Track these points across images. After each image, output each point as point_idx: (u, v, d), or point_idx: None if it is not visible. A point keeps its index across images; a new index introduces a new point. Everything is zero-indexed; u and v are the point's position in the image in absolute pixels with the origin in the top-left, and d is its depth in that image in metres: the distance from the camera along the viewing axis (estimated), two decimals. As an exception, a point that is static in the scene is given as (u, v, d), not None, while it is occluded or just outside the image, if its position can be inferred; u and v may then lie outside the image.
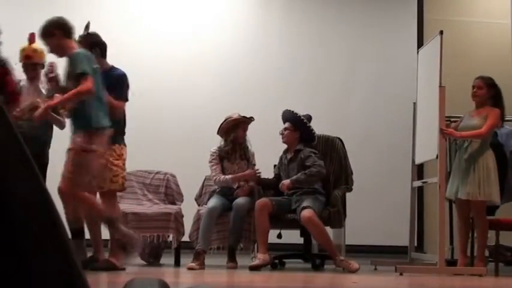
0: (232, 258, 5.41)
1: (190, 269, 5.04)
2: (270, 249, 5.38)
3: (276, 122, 5.82)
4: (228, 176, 5.64)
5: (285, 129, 5.69)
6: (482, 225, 5.40)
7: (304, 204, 5.31)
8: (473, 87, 5.55)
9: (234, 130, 5.71)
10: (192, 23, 7.52)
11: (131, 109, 7.10)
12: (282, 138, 5.70)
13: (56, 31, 4.57)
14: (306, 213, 5.24)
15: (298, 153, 5.64)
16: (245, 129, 5.77)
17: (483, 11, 7.89)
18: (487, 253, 5.61)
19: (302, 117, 5.66)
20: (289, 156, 5.71)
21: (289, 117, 5.69)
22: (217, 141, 5.86)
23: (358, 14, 7.71)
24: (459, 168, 5.44)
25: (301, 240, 5.84)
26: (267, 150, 5.85)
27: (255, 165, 5.82)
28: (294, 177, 5.51)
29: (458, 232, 5.54)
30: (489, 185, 5.29)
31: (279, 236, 5.57)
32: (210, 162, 5.75)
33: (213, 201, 5.55)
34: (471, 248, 5.70)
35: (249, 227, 5.49)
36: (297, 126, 5.67)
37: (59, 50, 4.60)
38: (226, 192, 5.66)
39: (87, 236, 4.95)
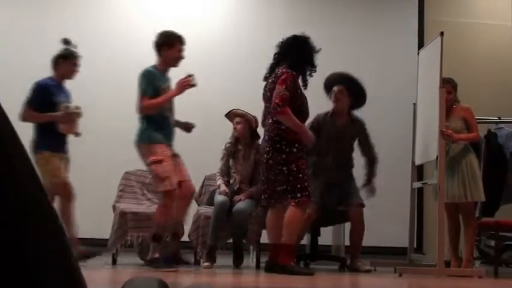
0: (238, 255, 5.44)
1: (207, 268, 5.10)
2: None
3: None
4: (222, 192, 5.57)
5: (340, 92, 5.51)
6: (472, 227, 5.40)
7: (358, 199, 5.50)
8: None
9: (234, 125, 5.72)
10: (194, 23, 7.52)
11: (131, 109, 7.11)
12: (335, 102, 5.54)
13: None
14: (360, 210, 5.45)
15: (351, 123, 5.59)
16: (239, 123, 5.68)
17: (484, 13, 7.89)
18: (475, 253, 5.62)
19: (360, 82, 5.55)
20: (339, 122, 5.60)
21: (344, 79, 5.51)
22: (218, 142, 5.85)
23: (359, 15, 7.70)
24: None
25: (304, 241, 5.84)
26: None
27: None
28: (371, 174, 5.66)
29: (448, 235, 5.51)
30: (475, 185, 5.30)
31: None
32: (221, 159, 5.80)
33: (221, 197, 5.51)
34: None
35: (255, 228, 5.47)
36: (352, 91, 5.54)
37: None
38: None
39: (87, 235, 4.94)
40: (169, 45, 5.00)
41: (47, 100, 5.09)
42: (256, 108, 5.56)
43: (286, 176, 4.79)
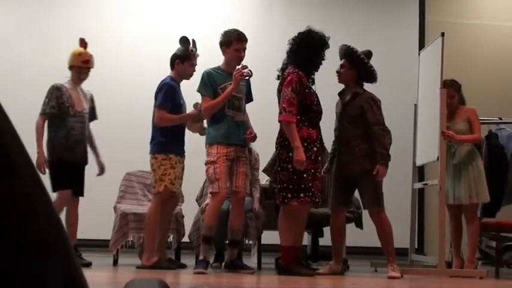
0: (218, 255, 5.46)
1: (216, 268, 5.22)
2: (273, 251, 5.38)
3: (276, 122, 5.80)
4: None
5: (341, 66, 5.13)
6: (475, 228, 5.40)
7: (370, 205, 5.07)
8: None
9: None
10: (194, 24, 7.52)
11: (132, 109, 7.13)
12: (338, 78, 5.18)
13: None
14: (374, 215, 5.07)
15: (356, 98, 5.05)
16: None
17: (485, 13, 7.89)
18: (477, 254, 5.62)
19: (359, 53, 5.12)
20: (346, 98, 5.12)
21: (345, 53, 5.17)
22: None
23: (360, 16, 7.70)
24: (448, 173, 5.39)
25: (305, 242, 5.83)
26: (267, 151, 5.84)
27: (258, 168, 5.75)
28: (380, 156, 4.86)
29: (450, 235, 5.51)
30: (480, 186, 5.29)
31: None
32: None
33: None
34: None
35: (255, 224, 5.46)
36: (354, 64, 5.09)
37: None
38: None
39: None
40: (226, 44, 4.99)
41: (176, 102, 5.12)
42: (253, 106, 5.56)
43: (290, 174, 4.77)
